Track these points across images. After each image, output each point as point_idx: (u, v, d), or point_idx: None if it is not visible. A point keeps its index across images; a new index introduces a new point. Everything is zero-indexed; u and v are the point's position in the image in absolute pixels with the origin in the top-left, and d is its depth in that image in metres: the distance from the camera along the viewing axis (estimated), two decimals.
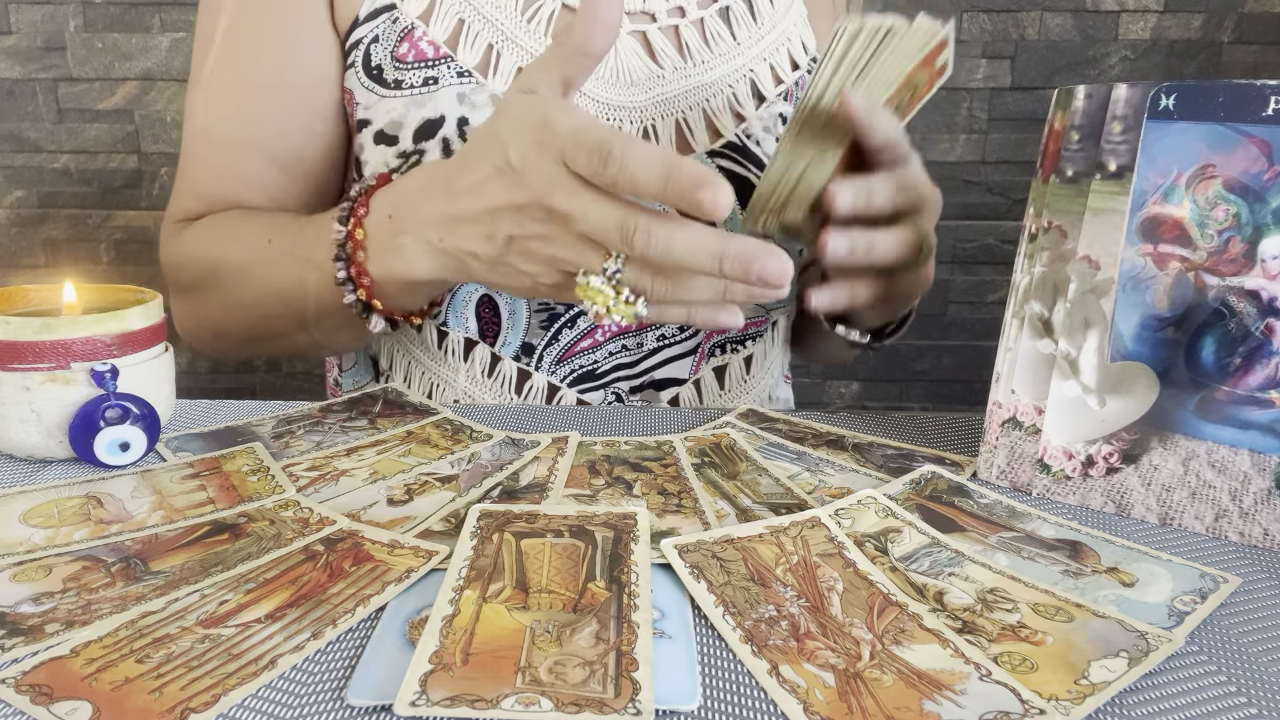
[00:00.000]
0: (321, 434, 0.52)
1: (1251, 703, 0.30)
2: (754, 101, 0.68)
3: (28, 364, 0.44)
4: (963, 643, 0.32)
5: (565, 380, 0.67)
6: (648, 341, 0.67)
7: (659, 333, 0.67)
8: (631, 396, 0.67)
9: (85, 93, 1.29)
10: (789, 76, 0.70)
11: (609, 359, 0.67)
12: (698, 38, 0.67)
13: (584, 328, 0.66)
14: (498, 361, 0.67)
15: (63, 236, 1.35)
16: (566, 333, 0.66)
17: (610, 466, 0.47)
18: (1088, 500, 0.45)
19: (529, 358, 0.66)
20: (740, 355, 0.71)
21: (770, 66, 0.69)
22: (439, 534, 0.40)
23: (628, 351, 0.67)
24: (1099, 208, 0.42)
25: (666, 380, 0.68)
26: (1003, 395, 0.47)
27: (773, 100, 0.69)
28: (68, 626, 0.32)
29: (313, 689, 0.29)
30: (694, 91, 0.66)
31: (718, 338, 0.69)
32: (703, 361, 0.69)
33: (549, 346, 0.66)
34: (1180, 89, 0.40)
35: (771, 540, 0.39)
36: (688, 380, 0.68)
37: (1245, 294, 0.40)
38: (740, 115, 0.67)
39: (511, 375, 0.67)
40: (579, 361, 0.67)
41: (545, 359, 0.66)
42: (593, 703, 0.28)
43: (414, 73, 0.62)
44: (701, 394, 0.69)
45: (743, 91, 0.68)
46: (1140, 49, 1.30)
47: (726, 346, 0.70)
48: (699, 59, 0.67)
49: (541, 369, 0.66)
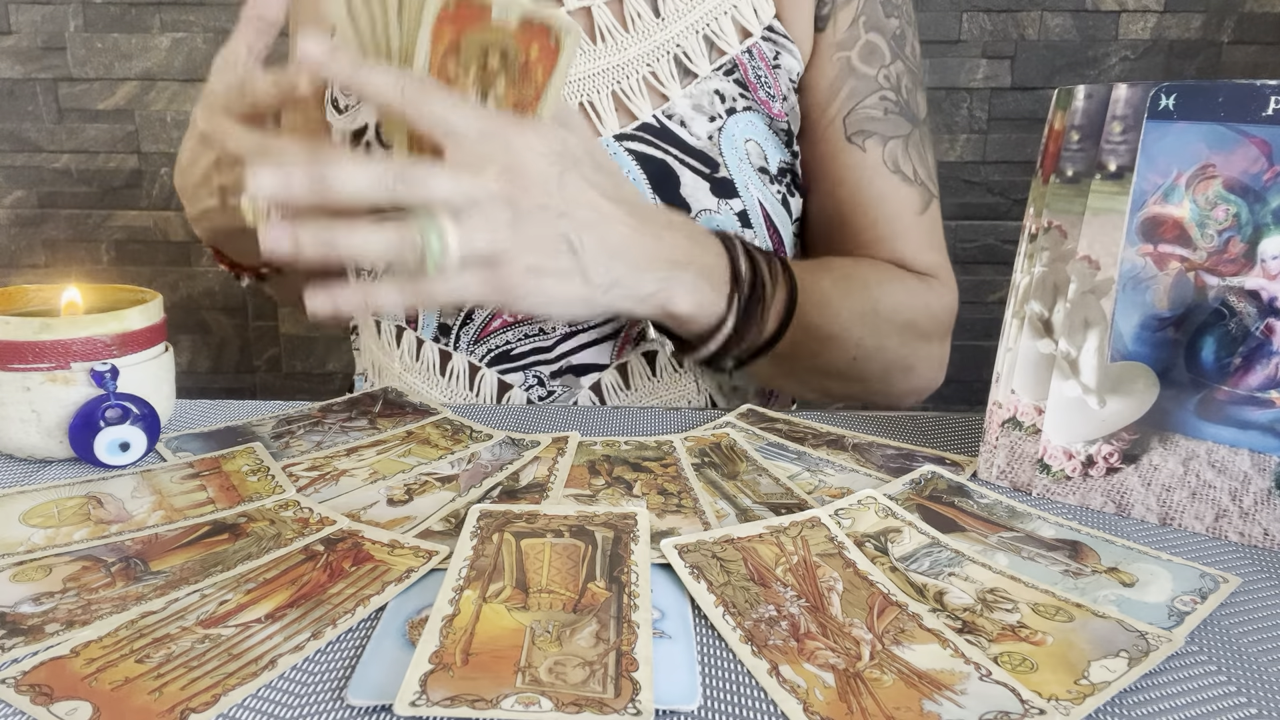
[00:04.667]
0: (321, 434, 0.52)
1: (1251, 703, 0.30)
2: (681, 78, 0.64)
3: (28, 364, 0.44)
4: (963, 643, 0.32)
5: (484, 360, 0.66)
6: (559, 325, 0.65)
7: None
8: (552, 381, 0.66)
9: (85, 93, 1.29)
10: (734, 46, 0.65)
11: (524, 340, 0.66)
12: (612, 20, 0.64)
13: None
14: (422, 345, 0.67)
15: (63, 236, 1.35)
16: (479, 313, 0.66)
17: (610, 466, 0.47)
18: (1088, 500, 0.45)
19: (446, 338, 0.66)
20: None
21: (706, 39, 0.65)
22: (439, 534, 0.40)
23: (544, 335, 0.66)
24: (1099, 208, 0.42)
25: (585, 366, 0.66)
26: (1003, 395, 0.47)
27: (706, 76, 0.64)
28: (68, 626, 0.32)
29: (313, 689, 0.29)
30: (601, 74, 0.63)
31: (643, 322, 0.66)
32: (627, 346, 0.67)
33: (464, 326, 0.66)
34: (1180, 89, 0.40)
35: (771, 540, 0.39)
36: (610, 365, 0.66)
37: (1245, 294, 0.40)
38: (663, 95, 0.64)
39: (433, 357, 0.67)
40: (494, 341, 0.66)
41: (462, 339, 0.66)
42: (593, 703, 0.28)
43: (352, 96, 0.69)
44: (628, 380, 0.66)
45: (664, 70, 0.64)
46: (1140, 49, 1.30)
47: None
48: (613, 40, 0.64)
49: (460, 349, 0.66)
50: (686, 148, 0.63)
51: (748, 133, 0.65)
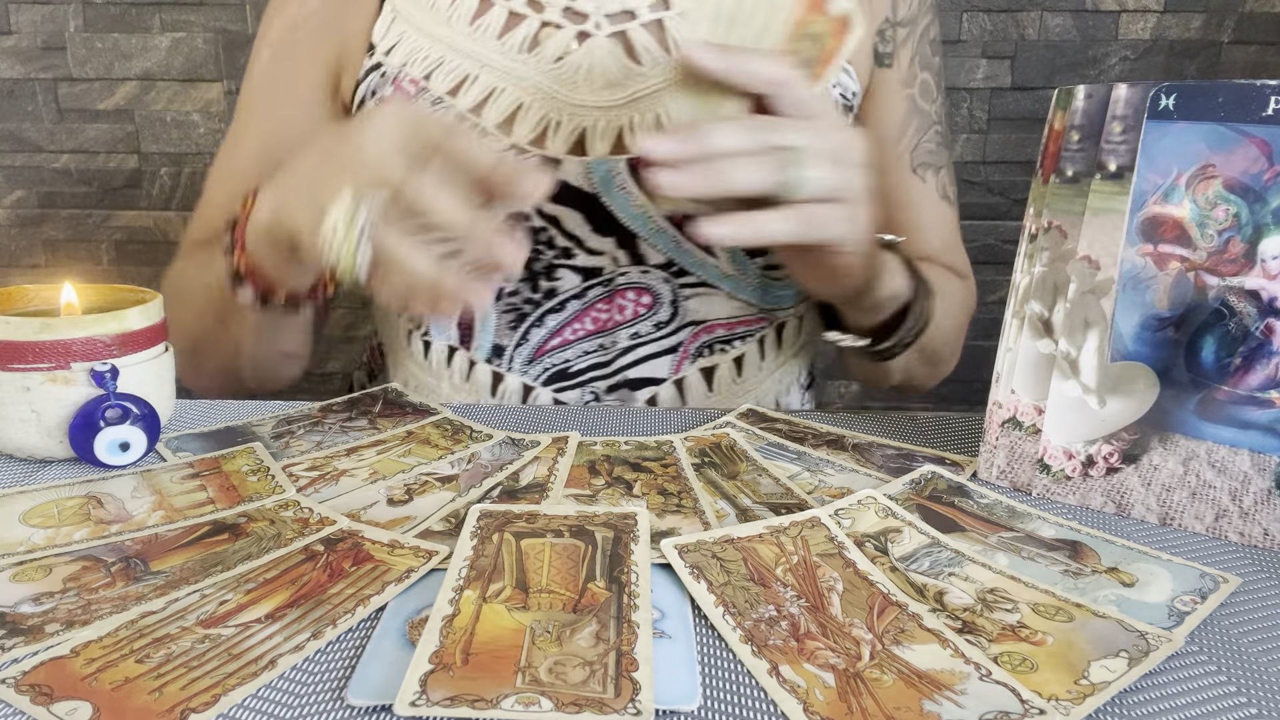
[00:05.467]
0: (321, 434, 0.52)
1: (1251, 703, 0.30)
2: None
3: (28, 364, 0.44)
4: (963, 643, 0.32)
5: (539, 380, 0.67)
6: (620, 340, 0.67)
7: (632, 330, 0.67)
8: (607, 395, 0.67)
9: (85, 93, 1.29)
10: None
11: (583, 357, 0.67)
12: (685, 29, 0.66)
13: (552, 326, 0.66)
14: (473, 366, 0.67)
15: (63, 236, 1.35)
16: (535, 331, 0.66)
17: (610, 466, 0.47)
18: (1088, 500, 0.44)
19: (499, 359, 0.67)
20: (729, 355, 0.70)
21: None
22: (439, 534, 0.40)
23: (603, 350, 0.67)
24: (1099, 208, 0.42)
25: (642, 380, 0.67)
26: (1003, 395, 0.47)
27: None
28: (68, 626, 0.32)
29: (313, 689, 0.29)
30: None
31: (705, 337, 0.69)
32: (685, 361, 0.68)
33: (519, 347, 0.66)
34: (1180, 89, 0.40)
35: (771, 540, 0.39)
36: (667, 380, 0.68)
37: (1245, 294, 0.40)
38: None
39: (486, 379, 0.67)
40: (550, 360, 0.67)
41: (515, 360, 0.67)
42: (593, 703, 0.28)
43: None
44: (685, 395, 0.68)
45: None
46: (1140, 49, 1.30)
47: (715, 347, 0.69)
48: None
49: (513, 370, 0.67)
50: None
51: None
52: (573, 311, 0.66)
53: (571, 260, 0.65)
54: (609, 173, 0.64)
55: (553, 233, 0.64)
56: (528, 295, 0.66)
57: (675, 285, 0.67)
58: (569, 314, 0.66)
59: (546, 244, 0.64)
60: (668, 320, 0.68)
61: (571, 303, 0.66)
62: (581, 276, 0.66)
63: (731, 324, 0.69)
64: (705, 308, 0.68)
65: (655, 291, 0.67)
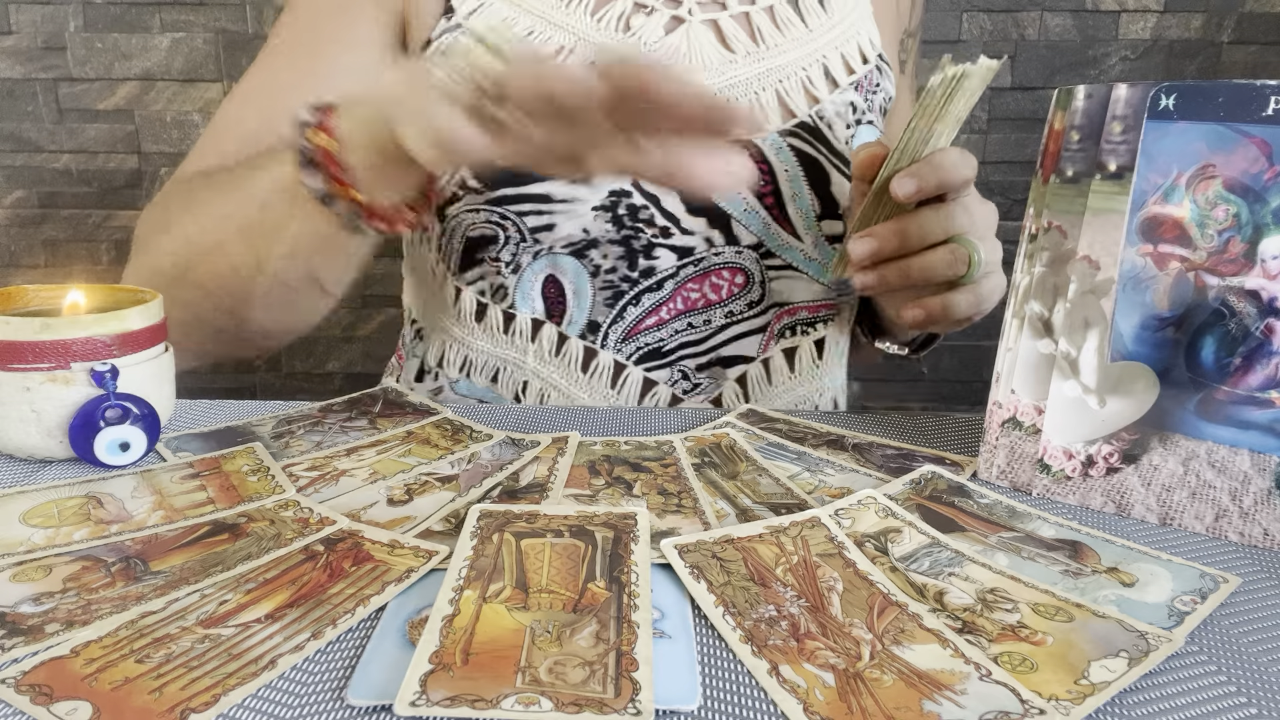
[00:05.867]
0: (321, 434, 0.52)
1: (1251, 703, 0.30)
2: (828, 85, 0.69)
3: (28, 364, 0.44)
4: (963, 643, 0.32)
5: (631, 358, 0.67)
6: (715, 318, 0.68)
7: (727, 309, 0.68)
8: (699, 374, 0.68)
9: (85, 93, 1.29)
10: (859, 68, 0.70)
11: (674, 336, 0.67)
12: (769, 23, 0.68)
13: (649, 305, 0.67)
14: (565, 340, 0.67)
15: (63, 236, 1.35)
16: (631, 310, 0.67)
17: (610, 466, 0.47)
18: (1088, 500, 0.44)
19: (595, 335, 0.67)
20: (810, 338, 0.71)
21: (841, 55, 0.70)
22: (439, 534, 0.40)
23: (693, 329, 0.68)
24: (1099, 208, 0.42)
25: (735, 358, 0.68)
26: (1003, 395, 0.47)
27: (845, 88, 0.69)
28: (68, 626, 0.32)
29: (313, 689, 0.29)
30: (766, 74, 0.67)
31: (788, 319, 0.70)
32: (772, 341, 0.69)
33: (614, 324, 0.67)
34: (1180, 89, 0.40)
35: (771, 540, 0.39)
36: (755, 359, 0.69)
37: (1245, 294, 0.40)
38: (815, 97, 0.68)
39: (578, 354, 0.67)
40: (644, 339, 0.67)
41: (611, 336, 0.67)
42: (593, 703, 0.28)
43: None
44: (770, 375, 0.69)
45: (817, 75, 0.68)
46: (1140, 49, 1.30)
47: (797, 329, 0.70)
48: (771, 43, 0.68)
49: (608, 347, 0.67)
50: (833, 149, 0.68)
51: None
52: (669, 291, 0.67)
53: (669, 239, 0.66)
54: None
55: (653, 211, 0.65)
56: (625, 273, 0.66)
57: (763, 266, 0.68)
58: (665, 293, 0.67)
59: (646, 222, 0.65)
60: (759, 300, 0.69)
61: (668, 283, 0.67)
62: (677, 256, 0.66)
63: (814, 307, 0.71)
64: (789, 289, 0.69)
65: (748, 271, 0.68)
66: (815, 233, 0.68)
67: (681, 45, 0.66)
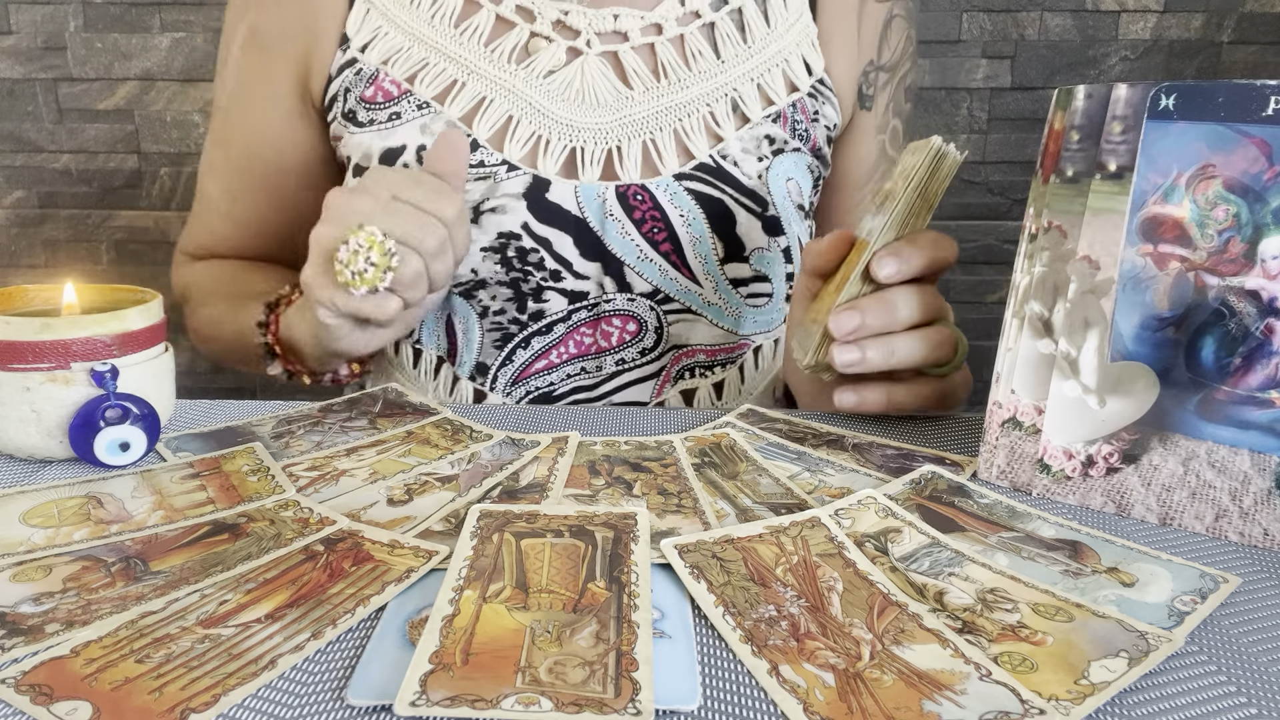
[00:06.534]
0: (321, 434, 0.52)
1: (1251, 703, 0.30)
2: (735, 121, 0.66)
3: (28, 364, 0.44)
4: (963, 643, 0.32)
5: (520, 401, 0.67)
6: (606, 365, 0.67)
7: (618, 356, 0.67)
8: None
9: (85, 93, 1.29)
10: (782, 99, 0.68)
11: (566, 380, 0.67)
12: (675, 56, 0.66)
13: (538, 349, 0.66)
14: (457, 381, 0.67)
15: (63, 236, 1.35)
16: (520, 353, 0.66)
17: (610, 466, 0.47)
18: (1088, 500, 0.45)
19: (483, 377, 0.67)
20: (709, 380, 0.69)
21: (758, 87, 0.67)
22: (439, 534, 0.40)
23: (586, 374, 0.67)
24: (1099, 208, 0.42)
25: (625, 404, 0.67)
26: (1003, 395, 0.47)
27: (758, 122, 0.67)
28: (68, 626, 0.32)
29: (313, 689, 0.29)
30: (665, 112, 0.65)
31: (686, 361, 0.69)
32: (667, 385, 0.68)
33: (503, 367, 0.66)
34: (1180, 89, 0.40)
35: (771, 540, 0.39)
36: (649, 404, 0.68)
37: (1245, 294, 0.40)
38: (718, 135, 0.66)
39: (467, 395, 0.67)
40: (535, 383, 0.67)
41: (500, 379, 0.66)
42: (593, 703, 0.28)
43: (380, 111, 0.66)
44: None
45: (722, 111, 0.66)
46: (1140, 49, 1.30)
47: (695, 370, 0.69)
48: (675, 77, 0.65)
49: (496, 389, 0.67)
50: (740, 186, 0.66)
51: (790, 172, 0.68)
52: (559, 335, 0.66)
53: (560, 284, 0.65)
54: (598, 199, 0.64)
55: (543, 254, 0.64)
56: (514, 315, 0.65)
57: (661, 312, 0.67)
58: (555, 337, 0.66)
59: (536, 265, 0.64)
60: (652, 346, 0.67)
61: (558, 326, 0.66)
62: (568, 300, 0.65)
63: (712, 350, 0.69)
64: (688, 333, 0.68)
65: (641, 319, 0.66)
66: (717, 276, 0.66)
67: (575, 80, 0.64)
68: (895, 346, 0.51)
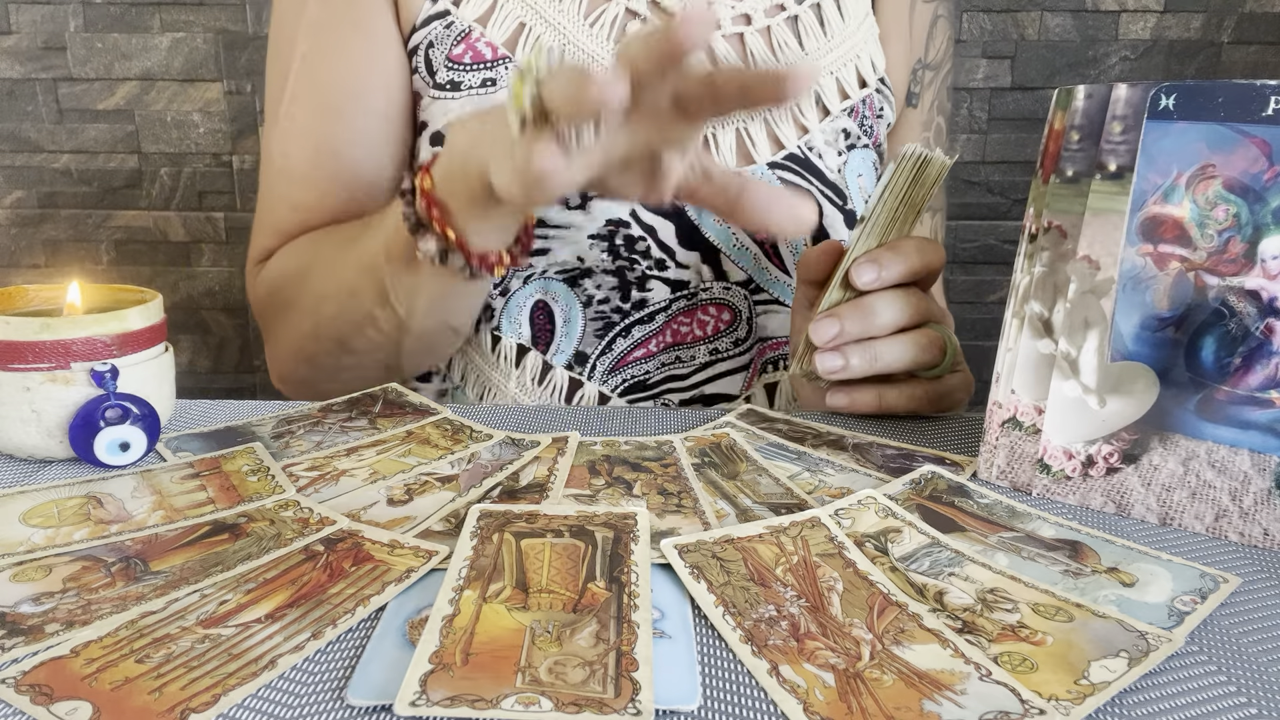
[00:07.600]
0: (321, 434, 0.52)
1: (1251, 703, 0.30)
2: (818, 113, 0.67)
3: (28, 364, 0.44)
4: (963, 643, 0.32)
5: (616, 390, 0.66)
6: (699, 354, 0.67)
7: (712, 345, 0.67)
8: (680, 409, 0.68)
9: (85, 93, 1.29)
10: (855, 94, 0.68)
11: (661, 369, 0.67)
12: (763, 46, 0.66)
13: (638, 337, 0.66)
14: (549, 369, 0.67)
15: (63, 236, 1.35)
16: (620, 342, 0.66)
17: (610, 466, 0.47)
18: (1088, 500, 0.44)
19: (582, 366, 0.66)
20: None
21: (837, 80, 0.68)
22: (439, 534, 0.40)
23: (680, 363, 0.67)
24: (1099, 208, 0.42)
25: (717, 395, 0.67)
26: (1003, 395, 0.47)
27: (837, 115, 0.67)
28: (68, 626, 0.32)
29: (313, 689, 0.29)
30: None
31: (771, 354, 0.69)
32: (755, 378, 0.68)
33: (603, 355, 0.66)
34: (1180, 89, 0.40)
35: (771, 540, 0.39)
36: (738, 397, 0.68)
37: (1245, 294, 0.40)
38: (804, 126, 0.66)
39: (562, 384, 0.67)
40: (631, 371, 0.67)
41: (598, 368, 0.66)
42: (593, 703, 0.28)
43: (471, 74, 0.63)
44: None
45: (807, 103, 0.67)
46: (1140, 49, 1.30)
47: (779, 363, 0.69)
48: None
49: (594, 378, 0.66)
50: (824, 179, 0.66)
51: (859, 168, 0.69)
52: (659, 324, 0.66)
53: (664, 272, 0.65)
54: None
55: (649, 243, 0.64)
56: (617, 304, 0.65)
57: (752, 302, 0.67)
58: (655, 326, 0.66)
59: (643, 254, 0.64)
60: (744, 338, 0.68)
61: (659, 315, 0.66)
62: (670, 289, 0.65)
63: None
64: (776, 324, 0.68)
65: (735, 308, 0.67)
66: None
67: None
68: (878, 351, 0.52)
